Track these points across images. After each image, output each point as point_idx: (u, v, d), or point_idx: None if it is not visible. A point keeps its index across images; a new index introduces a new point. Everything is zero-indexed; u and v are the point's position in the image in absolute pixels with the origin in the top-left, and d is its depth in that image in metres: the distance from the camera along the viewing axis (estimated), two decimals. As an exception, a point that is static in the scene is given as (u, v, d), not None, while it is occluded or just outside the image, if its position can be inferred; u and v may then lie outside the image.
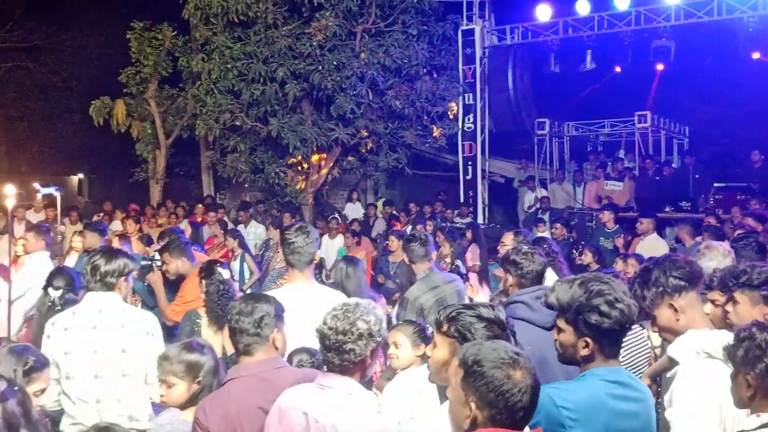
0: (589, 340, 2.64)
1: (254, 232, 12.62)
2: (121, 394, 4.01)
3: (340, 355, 2.84)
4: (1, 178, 8.91)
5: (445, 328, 2.81)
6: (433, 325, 2.98)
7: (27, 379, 3.27)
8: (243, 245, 10.47)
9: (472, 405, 2.12)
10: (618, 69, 16.38)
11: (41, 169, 24.83)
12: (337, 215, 14.47)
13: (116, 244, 9.53)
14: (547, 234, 10.85)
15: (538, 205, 15.16)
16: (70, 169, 27.40)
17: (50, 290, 5.04)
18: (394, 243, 9.19)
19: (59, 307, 4.82)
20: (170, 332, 5.51)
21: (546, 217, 13.98)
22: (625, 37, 14.57)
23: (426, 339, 3.85)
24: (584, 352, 2.66)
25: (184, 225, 13.21)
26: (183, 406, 3.44)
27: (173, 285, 6.19)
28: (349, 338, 2.83)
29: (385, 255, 10.35)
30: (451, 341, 2.77)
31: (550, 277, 4.69)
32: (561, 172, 16.86)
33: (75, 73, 25.24)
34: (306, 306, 3.86)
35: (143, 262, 6.15)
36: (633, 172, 15.20)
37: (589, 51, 15.18)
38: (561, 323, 2.76)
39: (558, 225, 11.03)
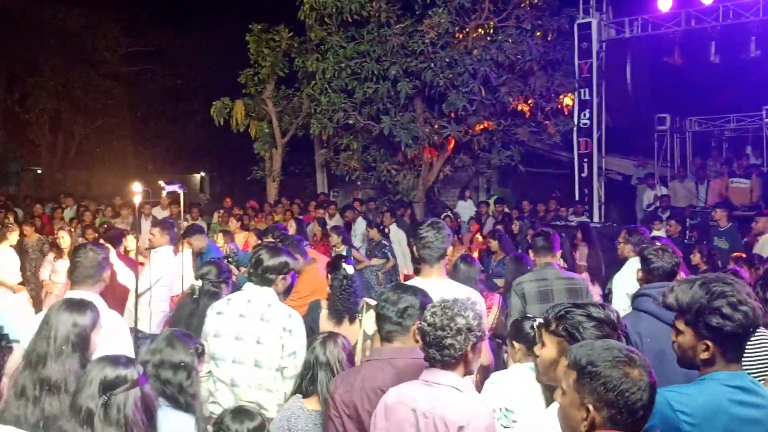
0: (709, 343, 2.53)
1: (360, 230, 12.74)
2: (254, 382, 4.19)
3: (440, 350, 2.84)
4: (129, 177, 9.41)
5: (553, 326, 2.76)
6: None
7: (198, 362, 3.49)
8: (346, 241, 10.57)
9: (590, 407, 2.07)
10: (744, 61, 15.51)
11: (166, 168, 26.09)
12: (449, 213, 14.44)
13: (221, 240, 9.91)
14: (662, 233, 10.44)
15: (657, 204, 14.60)
16: (192, 167, 28.65)
17: (198, 281, 5.24)
18: (493, 244, 9.31)
19: (203, 298, 5.02)
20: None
21: (666, 215, 13.44)
22: (752, 27, 13.79)
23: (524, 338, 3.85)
24: (704, 355, 2.55)
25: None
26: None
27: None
28: (448, 334, 2.82)
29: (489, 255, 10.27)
30: (560, 340, 2.72)
31: None
32: (683, 170, 16.18)
33: (197, 76, 26.39)
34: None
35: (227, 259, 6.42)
36: (761, 168, 14.40)
37: (713, 42, 14.45)
38: (680, 325, 2.66)
39: (672, 222, 10.61)
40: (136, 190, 8.44)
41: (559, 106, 15.26)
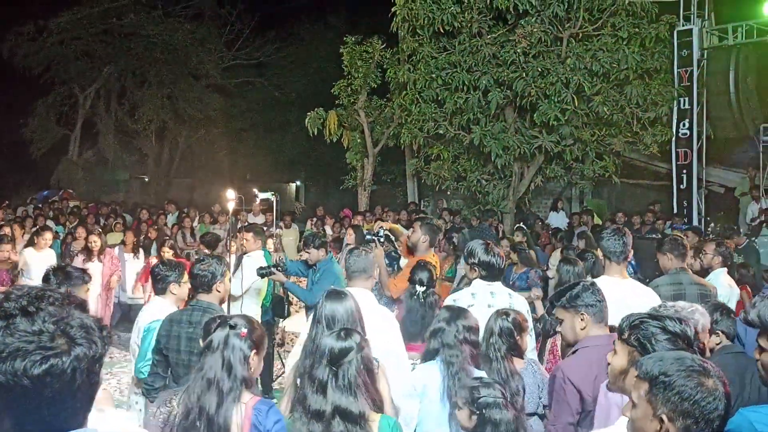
0: None
1: None
2: None
3: None
4: (228, 185, 9.79)
5: (626, 335, 2.73)
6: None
7: None
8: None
9: (663, 418, 2.03)
10: None
11: (263, 177, 26.80)
12: (539, 223, 14.25)
13: (271, 247, 10.16)
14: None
15: (762, 217, 13.96)
16: (288, 176, 29.32)
17: (416, 286, 5.59)
18: (513, 257, 9.26)
19: (422, 300, 5.50)
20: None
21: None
22: None
23: None
24: None
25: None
26: None
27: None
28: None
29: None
30: (631, 350, 2.69)
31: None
32: (791, 182, 15.41)
33: (294, 87, 27.07)
34: (618, 298, 4.21)
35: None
36: None
37: (825, 48, 13.76)
38: (763, 342, 2.56)
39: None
40: (230, 197, 8.79)
41: (657, 116, 14.77)
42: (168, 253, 10.27)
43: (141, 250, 11.70)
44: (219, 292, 4.64)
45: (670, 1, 15.01)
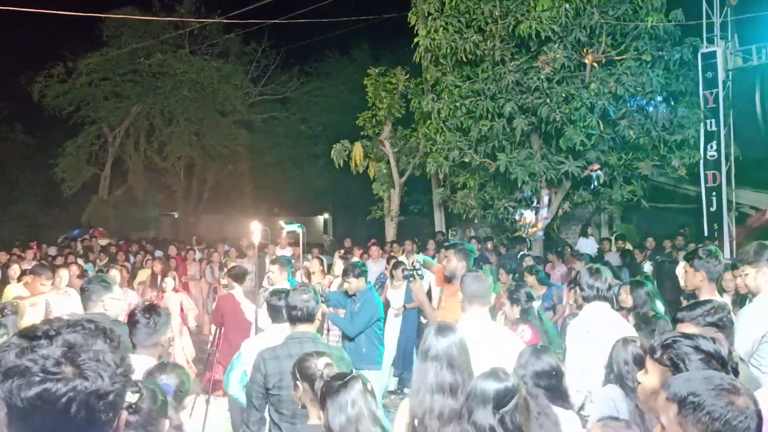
0: None
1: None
2: None
3: None
4: (256, 219, 9.85)
5: (658, 354, 2.67)
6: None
7: None
8: None
9: None
10: None
11: (291, 210, 26.99)
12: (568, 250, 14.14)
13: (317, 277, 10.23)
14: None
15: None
16: (316, 209, 29.48)
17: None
18: (530, 279, 9.17)
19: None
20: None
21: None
22: None
23: None
24: None
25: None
26: None
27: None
28: None
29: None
30: (663, 369, 2.64)
31: None
32: (823, 201, 15.18)
33: (320, 120, 27.38)
34: None
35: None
36: None
37: None
38: None
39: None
40: (255, 229, 8.86)
41: (684, 139, 14.65)
42: (170, 284, 10.35)
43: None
44: (319, 320, 4.56)
45: (693, 23, 15.00)
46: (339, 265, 12.67)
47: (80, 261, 15.42)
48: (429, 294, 8.20)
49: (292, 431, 4.06)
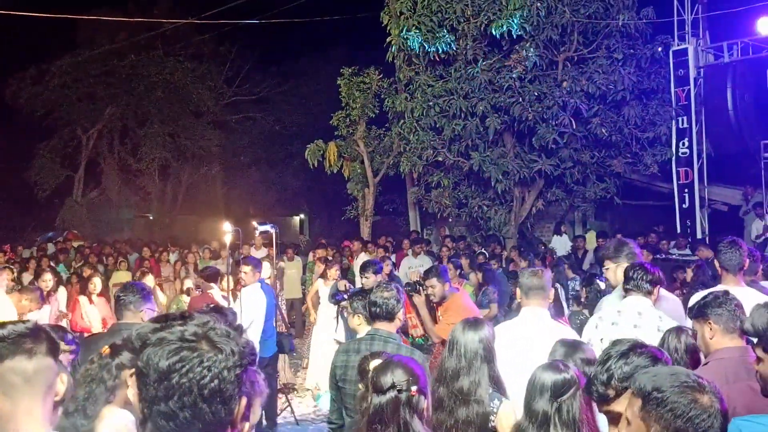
0: None
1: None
2: None
3: None
4: (231, 221, 9.74)
5: None
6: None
7: None
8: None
9: None
10: None
11: (267, 210, 26.86)
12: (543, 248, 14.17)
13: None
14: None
15: (766, 235, 13.84)
16: (292, 209, 29.39)
17: None
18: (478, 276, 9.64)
19: None
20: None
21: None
22: None
23: None
24: None
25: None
26: None
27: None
28: None
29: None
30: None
31: None
32: (794, 197, 15.29)
33: (295, 121, 27.27)
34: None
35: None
36: None
37: (821, 62, 13.76)
38: (759, 352, 2.51)
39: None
40: (227, 230, 8.78)
41: (657, 136, 14.75)
42: (98, 286, 10.18)
43: None
44: (400, 321, 4.49)
45: (664, 21, 15.11)
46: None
47: (54, 263, 15.27)
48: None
49: (352, 424, 4.07)
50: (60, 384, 1.99)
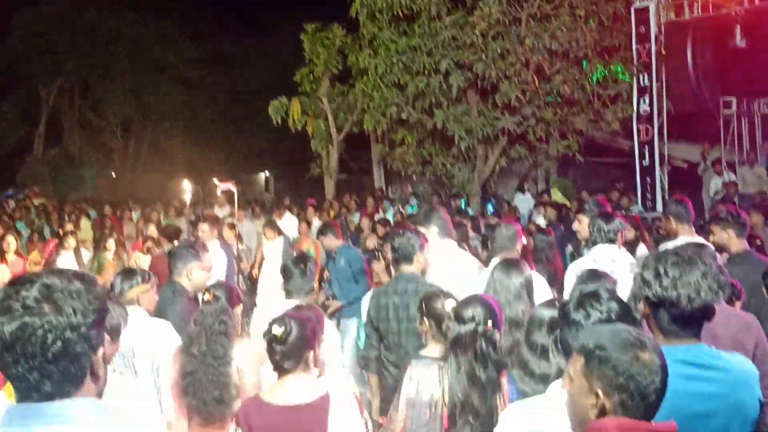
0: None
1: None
2: None
3: None
4: (195, 178, 9.66)
5: None
6: None
7: None
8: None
9: (599, 392, 1.99)
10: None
11: (232, 168, 26.61)
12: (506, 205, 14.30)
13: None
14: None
15: (725, 191, 14.07)
16: (257, 167, 29.17)
17: None
18: None
19: None
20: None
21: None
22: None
23: None
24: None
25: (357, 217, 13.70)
26: None
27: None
28: None
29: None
30: None
31: None
32: (752, 154, 15.54)
33: (260, 77, 26.90)
34: None
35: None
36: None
37: (780, 20, 13.83)
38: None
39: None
40: (186, 188, 8.70)
41: (618, 93, 14.81)
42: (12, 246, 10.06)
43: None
44: (420, 262, 4.85)
45: (627, -22, 15.06)
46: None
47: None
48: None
49: (397, 360, 4.52)
50: None
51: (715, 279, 2.39)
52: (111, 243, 10.66)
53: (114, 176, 29.04)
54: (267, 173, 29.48)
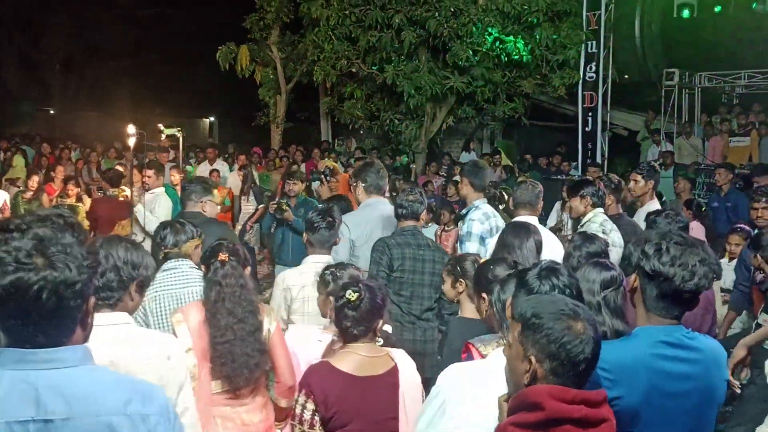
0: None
1: None
2: None
3: None
4: (137, 120, 9.42)
5: None
6: None
7: None
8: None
9: (532, 359, 2.05)
10: (757, 15, 15.13)
11: (176, 111, 26.06)
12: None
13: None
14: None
15: (661, 160, 14.48)
16: (202, 111, 28.63)
17: None
18: None
19: None
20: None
21: (669, 172, 13.32)
22: (766, -21, 13.49)
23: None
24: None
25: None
26: None
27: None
28: None
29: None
30: None
31: None
32: (689, 126, 15.98)
33: (208, 20, 26.17)
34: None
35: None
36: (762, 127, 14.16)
37: (725, -4, 14.16)
38: None
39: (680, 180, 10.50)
40: (131, 132, 8.52)
41: (566, 59, 14.98)
42: (73, 191, 10.03)
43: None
44: (423, 220, 5.18)
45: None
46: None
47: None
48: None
49: (408, 310, 4.76)
50: None
51: (711, 269, 2.43)
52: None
53: (52, 113, 28.15)
54: (212, 118, 28.99)
